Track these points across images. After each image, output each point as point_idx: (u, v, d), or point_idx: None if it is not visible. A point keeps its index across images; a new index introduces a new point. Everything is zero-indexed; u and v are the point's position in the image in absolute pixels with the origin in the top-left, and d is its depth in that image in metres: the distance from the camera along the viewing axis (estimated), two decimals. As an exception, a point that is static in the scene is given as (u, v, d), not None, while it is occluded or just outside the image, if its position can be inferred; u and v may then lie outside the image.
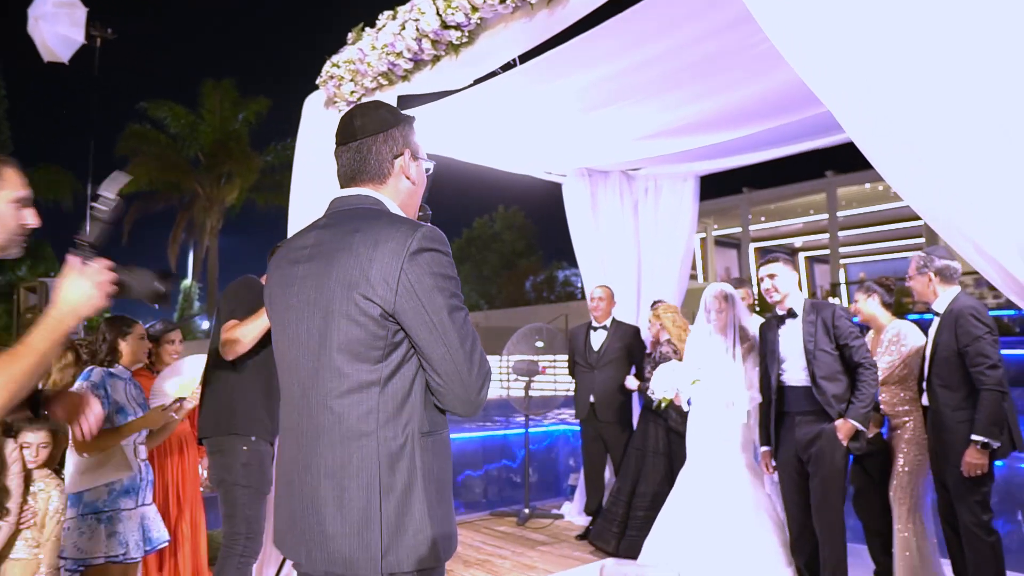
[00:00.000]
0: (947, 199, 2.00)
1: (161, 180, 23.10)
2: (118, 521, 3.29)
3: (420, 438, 1.57)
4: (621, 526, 4.97)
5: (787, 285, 3.86)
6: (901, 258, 24.98)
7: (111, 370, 3.45)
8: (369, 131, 1.75)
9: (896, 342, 4.05)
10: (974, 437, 3.41)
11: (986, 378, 3.45)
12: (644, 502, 4.90)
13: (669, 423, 4.94)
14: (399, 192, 1.77)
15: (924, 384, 3.78)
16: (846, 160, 19.47)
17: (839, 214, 23.38)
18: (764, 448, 4.04)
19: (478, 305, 37.10)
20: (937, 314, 3.73)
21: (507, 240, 39.05)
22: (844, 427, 3.63)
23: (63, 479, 3.73)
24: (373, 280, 1.54)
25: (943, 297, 3.73)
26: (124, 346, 3.47)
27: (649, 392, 4.69)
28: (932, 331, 3.76)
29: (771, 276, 3.87)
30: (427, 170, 1.88)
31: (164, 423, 3.50)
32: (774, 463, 3.97)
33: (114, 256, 1.68)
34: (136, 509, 3.38)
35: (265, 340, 3.27)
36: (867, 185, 22.02)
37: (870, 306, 4.20)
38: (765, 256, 3.99)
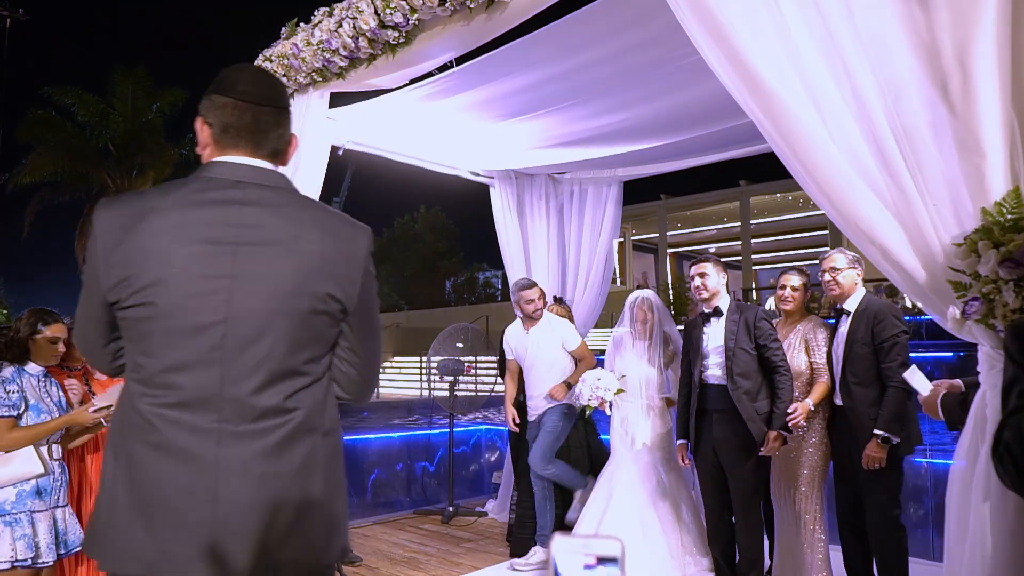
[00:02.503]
0: (857, 207, 2.17)
1: (68, 170, 21.94)
2: (27, 524, 3.17)
3: (338, 429, 1.64)
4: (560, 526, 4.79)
5: (715, 284, 4.02)
6: (807, 265, 26.11)
7: (23, 367, 3.33)
8: (287, 103, 1.67)
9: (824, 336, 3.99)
10: (876, 431, 3.47)
11: (896, 375, 3.47)
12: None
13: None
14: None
15: (836, 384, 3.78)
16: (759, 170, 20.29)
17: (751, 222, 24.26)
18: (680, 441, 4.20)
19: (398, 305, 36.80)
20: (847, 312, 3.77)
21: (428, 241, 38.89)
22: (772, 437, 3.75)
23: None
24: (339, 277, 1.55)
25: (855, 296, 3.78)
26: (32, 345, 3.35)
27: (574, 399, 4.73)
28: (844, 329, 3.77)
29: (702, 275, 4.03)
30: None
31: (88, 424, 3.40)
32: (690, 456, 4.14)
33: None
34: (48, 511, 3.26)
35: None
36: (778, 195, 22.97)
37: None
38: (697, 258, 4.15)
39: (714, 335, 4.01)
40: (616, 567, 0.73)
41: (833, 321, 4.02)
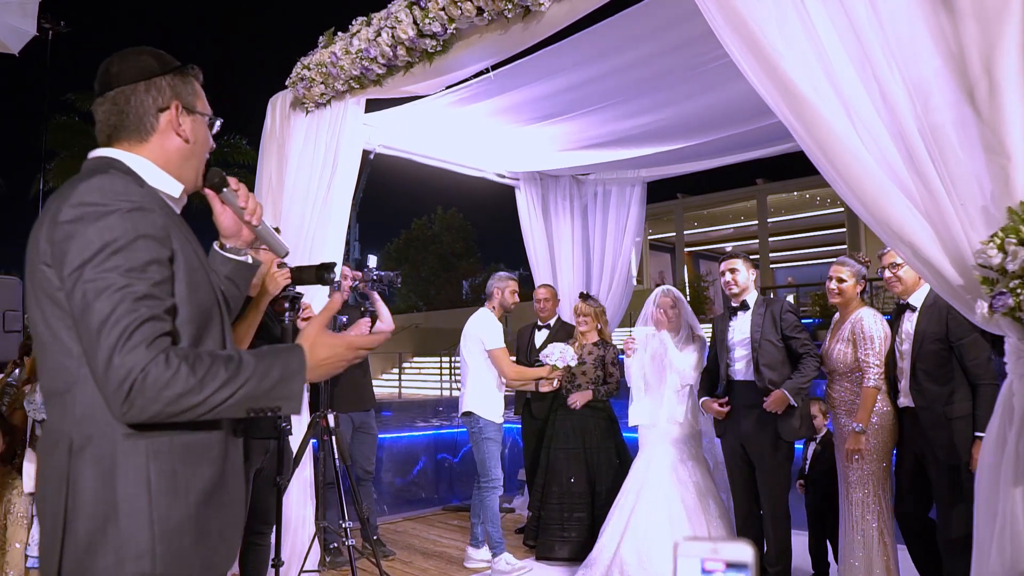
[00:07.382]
0: (888, 207, 2.26)
1: (91, 175, 22.31)
2: None
3: (127, 439, 1.30)
4: (588, 530, 4.83)
5: (745, 280, 4.16)
6: (825, 263, 26.02)
7: None
8: (127, 79, 1.49)
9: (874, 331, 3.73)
10: (978, 434, 3.12)
11: (986, 372, 3.30)
12: (610, 500, 4.70)
13: (598, 410, 5.08)
14: (167, 153, 1.51)
15: (901, 382, 3.59)
16: (776, 169, 20.27)
17: (768, 220, 24.23)
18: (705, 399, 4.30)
19: (416, 306, 37.00)
20: (912, 308, 3.62)
21: (445, 242, 39.02)
22: (775, 394, 3.83)
23: (21, 479, 3.73)
24: (42, 247, 1.33)
25: (920, 291, 3.60)
26: None
27: (544, 358, 4.79)
28: (909, 326, 3.60)
29: (733, 271, 4.16)
30: (211, 125, 1.61)
31: None
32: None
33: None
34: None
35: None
36: (795, 193, 22.94)
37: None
38: (726, 254, 4.28)
39: (740, 328, 4.12)
40: (747, 573, 0.66)
41: (889, 317, 3.86)
